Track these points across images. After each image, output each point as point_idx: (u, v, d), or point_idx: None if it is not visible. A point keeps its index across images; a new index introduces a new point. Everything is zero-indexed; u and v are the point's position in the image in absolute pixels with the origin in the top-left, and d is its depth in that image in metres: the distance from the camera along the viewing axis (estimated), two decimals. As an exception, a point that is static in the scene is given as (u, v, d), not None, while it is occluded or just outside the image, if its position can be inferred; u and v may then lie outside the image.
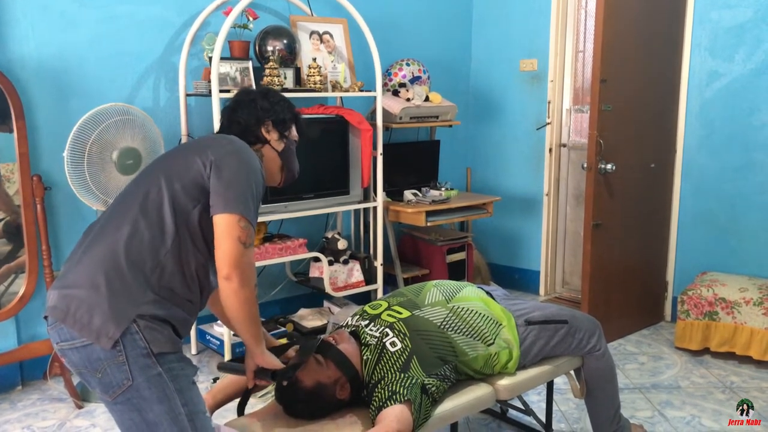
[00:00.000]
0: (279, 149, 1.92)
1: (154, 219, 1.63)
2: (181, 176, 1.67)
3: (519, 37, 4.44)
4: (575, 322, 2.34)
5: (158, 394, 1.55)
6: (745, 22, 3.55)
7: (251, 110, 1.88)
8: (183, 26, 3.39)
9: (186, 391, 1.59)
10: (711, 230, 3.78)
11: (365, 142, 3.52)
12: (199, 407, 1.64)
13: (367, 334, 2.06)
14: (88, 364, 1.56)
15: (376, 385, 1.92)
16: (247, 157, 1.73)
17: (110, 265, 1.58)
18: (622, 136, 3.51)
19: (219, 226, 1.62)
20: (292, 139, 1.97)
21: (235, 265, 1.59)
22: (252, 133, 1.87)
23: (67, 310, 1.55)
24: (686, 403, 2.96)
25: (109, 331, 1.52)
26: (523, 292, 4.53)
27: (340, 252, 3.66)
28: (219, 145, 1.74)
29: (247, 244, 1.61)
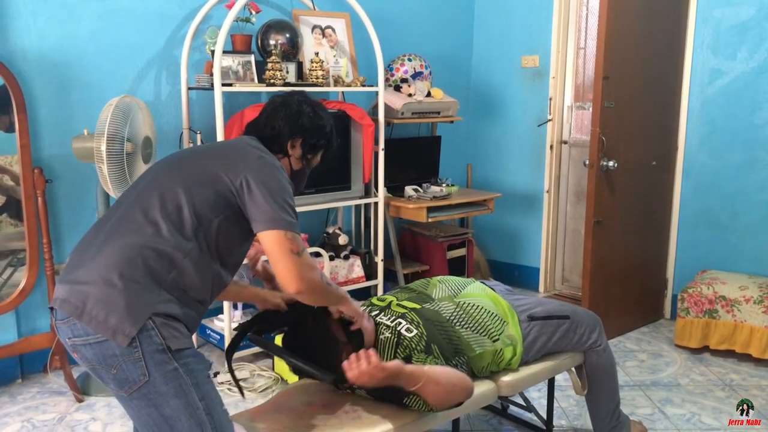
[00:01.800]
0: (295, 168, 1.91)
1: (175, 224, 1.62)
2: (205, 187, 1.66)
3: (521, 33, 4.44)
4: (576, 317, 2.35)
5: (175, 388, 1.55)
6: (748, 20, 3.55)
7: (291, 121, 1.86)
8: (185, 19, 3.38)
9: (202, 385, 1.60)
10: (711, 228, 3.79)
11: (367, 137, 3.52)
12: (216, 401, 1.65)
13: (378, 322, 2.07)
14: (102, 360, 1.55)
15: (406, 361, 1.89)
16: (277, 169, 1.74)
17: (128, 264, 1.56)
18: (624, 134, 3.51)
19: (268, 244, 1.64)
20: (313, 163, 1.96)
21: (299, 279, 1.64)
22: (279, 142, 1.86)
23: (83, 306, 1.54)
24: (686, 401, 2.97)
25: (126, 329, 1.51)
26: (522, 289, 4.53)
27: (341, 247, 3.66)
28: (249, 159, 1.72)
29: (300, 252, 1.65)
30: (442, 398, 1.84)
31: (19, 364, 3.13)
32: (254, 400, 2.90)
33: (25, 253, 3.00)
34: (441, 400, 1.85)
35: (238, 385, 1.99)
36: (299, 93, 1.97)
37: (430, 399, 1.83)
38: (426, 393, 1.82)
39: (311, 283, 1.66)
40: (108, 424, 2.74)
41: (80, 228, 3.18)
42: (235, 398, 2.96)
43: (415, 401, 1.86)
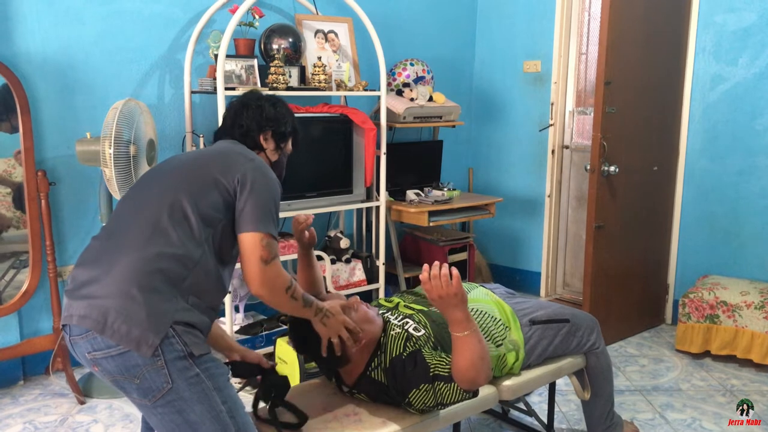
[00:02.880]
0: (272, 159, 1.99)
1: (185, 231, 1.67)
2: (208, 191, 1.71)
3: (523, 38, 4.45)
4: (576, 320, 2.37)
5: (198, 394, 1.58)
6: (750, 26, 3.56)
7: (256, 116, 1.94)
8: (189, 23, 3.39)
9: (224, 388, 1.64)
10: (713, 233, 3.79)
11: (369, 141, 3.52)
12: (239, 404, 1.68)
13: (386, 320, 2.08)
14: (125, 371, 1.57)
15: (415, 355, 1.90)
16: (268, 173, 1.80)
17: (145, 276, 1.59)
18: (626, 139, 3.52)
19: (243, 245, 1.70)
20: (287, 151, 2.04)
21: (260, 283, 1.68)
22: (252, 138, 1.94)
23: (105, 321, 1.55)
24: (687, 406, 2.97)
25: (149, 339, 1.54)
26: (523, 293, 4.53)
27: (343, 251, 3.67)
28: (241, 162, 1.78)
29: (269, 260, 1.68)
30: (475, 361, 1.80)
31: (22, 365, 3.13)
32: (255, 403, 2.90)
33: (28, 255, 3.01)
34: (473, 363, 1.80)
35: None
36: (252, 91, 2.07)
37: (467, 357, 1.80)
38: (467, 346, 1.81)
39: (271, 290, 1.70)
40: (110, 426, 2.75)
41: (83, 230, 3.19)
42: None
43: (423, 394, 1.85)
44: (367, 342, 1.96)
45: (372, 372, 1.95)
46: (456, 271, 1.81)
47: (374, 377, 1.94)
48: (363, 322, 1.95)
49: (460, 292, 1.80)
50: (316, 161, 3.49)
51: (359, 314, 1.96)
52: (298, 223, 2.12)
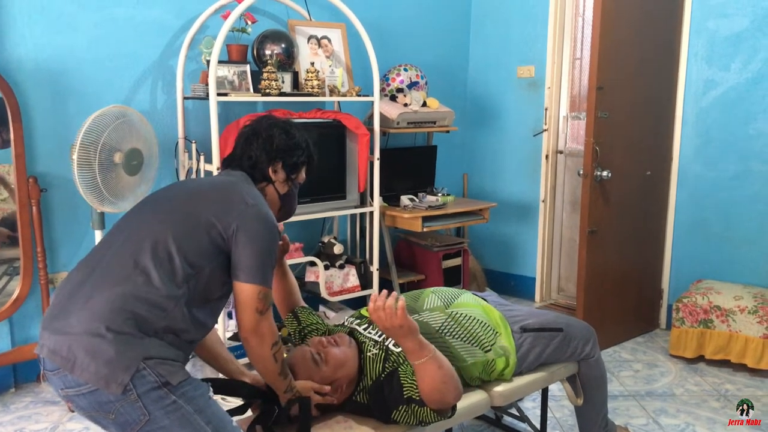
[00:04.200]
0: (282, 192, 1.94)
1: (167, 272, 1.61)
2: (197, 234, 1.67)
3: (516, 43, 4.46)
4: (570, 330, 2.35)
5: (179, 420, 1.55)
6: (742, 31, 3.57)
7: (266, 146, 1.88)
8: (181, 29, 3.39)
9: (206, 408, 1.60)
10: (706, 238, 3.79)
11: (362, 146, 3.52)
12: (225, 420, 1.66)
13: (366, 336, 2.06)
14: (98, 408, 1.55)
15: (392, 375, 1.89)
16: (267, 219, 1.74)
17: (116, 315, 1.54)
18: (618, 144, 3.52)
19: (240, 295, 1.69)
20: (298, 182, 1.98)
21: (251, 332, 1.70)
22: (260, 170, 1.88)
23: (74, 359, 1.52)
24: (681, 411, 2.97)
25: (118, 378, 1.50)
26: (518, 298, 4.53)
27: (336, 256, 3.66)
28: (241, 209, 1.71)
29: (264, 311, 1.70)
30: (437, 386, 1.80)
31: (13, 373, 3.12)
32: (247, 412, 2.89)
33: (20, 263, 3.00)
34: (435, 387, 1.80)
35: None
36: (266, 117, 1.99)
37: (427, 383, 1.80)
38: (425, 372, 1.80)
39: (261, 341, 1.70)
40: (101, 434, 2.74)
41: (75, 237, 3.18)
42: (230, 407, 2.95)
43: (404, 414, 1.85)
44: (348, 383, 1.94)
45: (357, 396, 1.95)
46: (402, 303, 1.76)
47: (359, 400, 1.95)
48: (337, 369, 1.91)
49: (406, 323, 1.76)
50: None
51: (330, 365, 1.90)
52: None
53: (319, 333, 2.14)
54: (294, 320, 2.18)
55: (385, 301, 1.76)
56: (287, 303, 2.21)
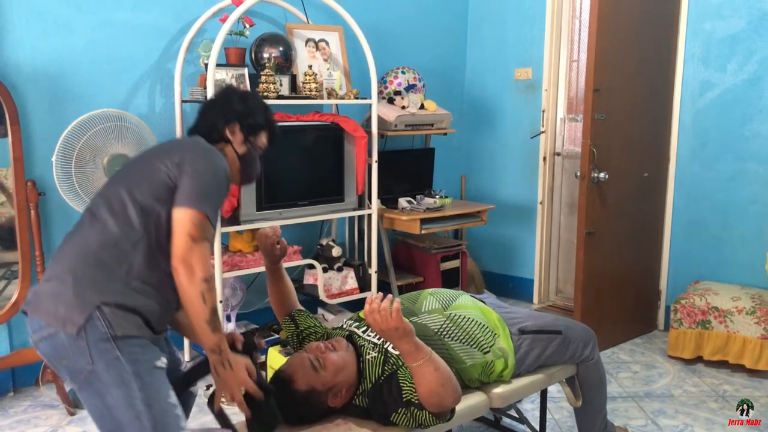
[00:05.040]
0: (240, 152, 1.96)
1: (123, 219, 1.69)
2: (146, 179, 1.73)
3: (514, 46, 4.47)
4: (569, 332, 2.35)
5: (116, 378, 1.59)
6: (738, 32, 3.58)
7: (223, 110, 1.95)
8: (179, 33, 3.40)
9: (145, 375, 1.62)
10: (704, 239, 3.80)
11: (360, 149, 3.53)
12: (161, 394, 1.66)
13: (365, 339, 2.06)
14: (54, 353, 1.63)
15: (391, 378, 1.90)
16: (211, 157, 1.78)
17: (78, 259, 1.66)
18: (616, 146, 3.53)
19: (174, 220, 1.68)
20: (258, 145, 2.00)
21: (180, 260, 1.63)
22: (217, 131, 1.93)
23: (38, 302, 1.65)
24: (679, 412, 2.97)
25: (74, 317, 1.59)
26: (516, 300, 4.54)
27: (335, 259, 3.66)
28: (184, 147, 1.81)
29: (197, 239, 1.65)
30: (435, 389, 1.80)
31: (11, 377, 3.12)
32: (247, 413, 2.89)
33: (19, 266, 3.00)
34: (433, 391, 1.80)
35: None
36: (224, 88, 2.08)
37: (424, 386, 1.80)
38: (422, 375, 1.80)
39: (189, 271, 1.63)
40: (100, 438, 2.73)
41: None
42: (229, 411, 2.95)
43: (403, 417, 1.85)
44: (348, 387, 1.93)
45: (356, 399, 1.95)
46: (397, 305, 1.75)
47: (358, 404, 1.95)
48: (337, 374, 1.90)
49: (401, 325, 1.75)
50: (307, 169, 3.49)
51: (329, 370, 1.89)
52: (266, 237, 2.08)
53: (317, 336, 2.14)
54: (291, 323, 2.19)
55: (380, 303, 1.75)
56: (284, 306, 2.21)
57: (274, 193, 3.30)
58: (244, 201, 3.19)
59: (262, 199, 3.26)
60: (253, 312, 3.78)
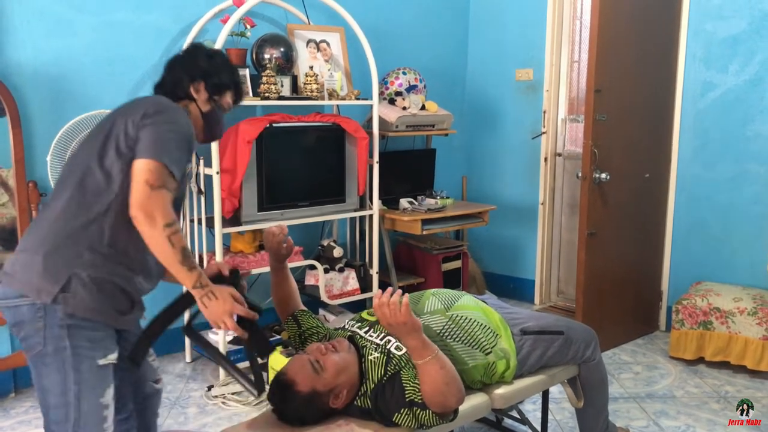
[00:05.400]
0: (204, 110, 1.94)
1: (88, 185, 1.71)
2: (107, 139, 1.72)
3: (515, 47, 4.47)
4: (571, 333, 2.35)
5: (58, 365, 1.67)
6: (739, 33, 3.58)
7: (189, 67, 1.92)
8: (180, 33, 3.40)
9: (84, 372, 1.69)
10: (705, 240, 3.80)
11: (361, 150, 3.53)
12: (95, 392, 1.71)
13: (367, 339, 2.06)
14: (14, 324, 1.71)
15: (393, 378, 1.90)
16: (171, 114, 1.76)
17: (49, 231, 1.70)
18: (617, 146, 3.53)
19: (133, 172, 1.67)
20: (223, 105, 1.98)
21: (138, 207, 1.63)
22: (181, 88, 1.91)
23: (12, 272, 1.70)
24: (681, 413, 2.97)
25: (47, 287, 1.65)
26: (518, 301, 4.54)
27: (336, 260, 3.66)
28: (146, 104, 1.77)
29: (155, 186, 1.64)
30: (439, 387, 1.81)
31: (12, 378, 3.11)
32: (249, 414, 2.90)
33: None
34: (437, 389, 1.81)
35: None
36: (191, 45, 2.04)
37: (429, 384, 1.81)
38: (428, 373, 1.81)
39: (148, 217, 1.62)
40: (101, 439, 2.73)
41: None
42: (230, 411, 2.96)
43: (406, 417, 1.85)
44: (349, 388, 1.93)
45: (358, 400, 1.94)
46: (407, 299, 1.77)
47: (360, 405, 1.94)
48: (338, 375, 1.89)
49: (410, 320, 1.77)
50: (308, 170, 3.49)
51: (330, 371, 1.88)
52: (273, 236, 2.08)
53: (319, 337, 2.14)
54: (294, 323, 2.19)
55: (389, 297, 1.76)
56: (288, 306, 2.21)
57: (275, 194, 3.30)
58: (245, 201, 3.20)
59: (264, 200, 3.26)
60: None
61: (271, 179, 3.27)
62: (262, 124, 3.15)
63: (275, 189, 3.30)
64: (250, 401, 3.03)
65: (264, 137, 3.18)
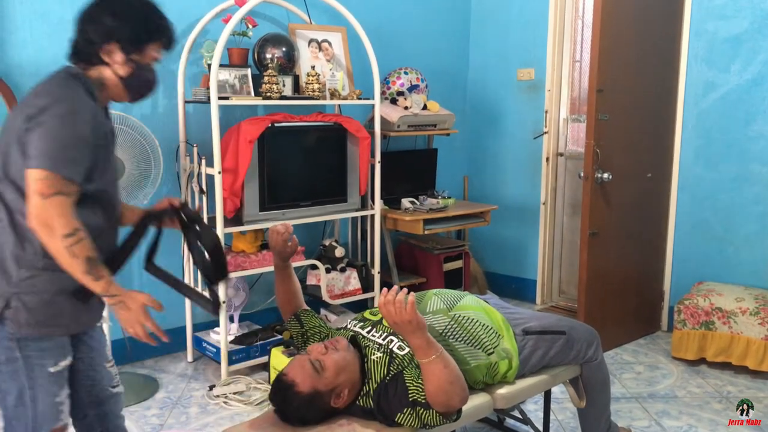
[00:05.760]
0: (123, 74, 1.74)
1: (8, 200, 1.66)
2: (13, 147, 1.62)
3: (516, 46, 4.46)
4: (573, 333, 2.35)
5: (12, 373, 1.73)
6: (741, 33, 3.57)
7: (95, 31, 1.70)
8: (182, 33, 3.40)
9: (37, 377, 1.74)
10: (707, 240, 3.79)
11: (363, 149, 3.53)
12: (50, 393, 1.76)
13: (370, 339, 2.06)
14: None
15: (396, 378, 1.90)
16: (54, 106, 1.61)
17: None
18: (619, 146, 3.52)
19: (27, 182, 1.59)
20: (146, 61, 1.77)
21: (33, 219, 1.58)
22: (93, 55, 1.72)
23: None
24: (683, 413, 2.97)
25: None
26: (519, 301, 4.53)
27: (338, 260, 3.66)
28: (31, 101, 1.64)
29: (47, 195, 1.57)
30: (443, 386, 1.81)
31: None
32: (251, 414, 2.90)
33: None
34: (441, 388, 1.81)
35: None
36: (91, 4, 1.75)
37: (433, 383, 1.81)
38: (432, 372, 1.81)
39: (45, 228, 1.57)
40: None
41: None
42: (231, 411, 2.96)
43: (409, 417, 1.85)
44: (350, 387, 1.93)
45: (360, 400, 1.95)
46: (412, 297, 1.79)
47: (363, 405, 1.94)
48: (338, 374, 1.89)
49: (415, 319, 1.77)
50: (310, 170, 3.49)
51: (330, 371, 1.88)
52: (277, 234, 2.08)
53: (321, 336, 2.14)
54: (296, 323, 2.19)
55: (395, 295, 1.77)
56: (291, 305, 2.21)
57: (277, 194, 3.30)
58: (247, 201, 3.20)
59: (265, 200, 3.26)
60: (257, 312, 3.78)
61: (273, 179, 3.27)
62: (263, 124, 3.15)
63: (277, 189, 3.30)
64: (253, 401, 3.03)
65: (266, 137, 3.18)
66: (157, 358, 3.51)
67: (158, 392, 3.15)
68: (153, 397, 3.10)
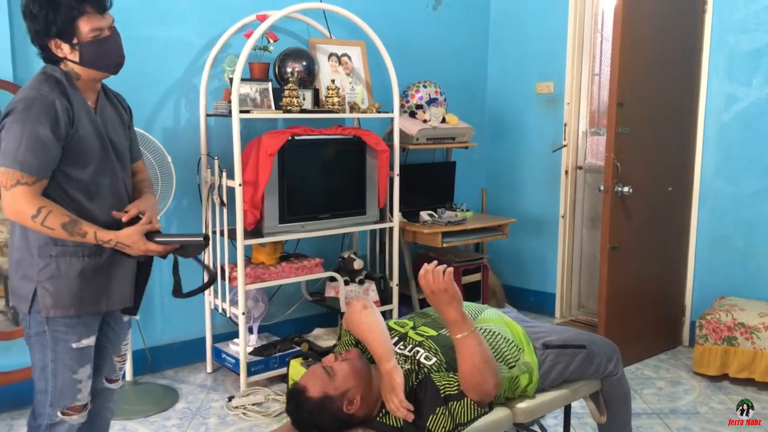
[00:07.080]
0: (78, 60, 1.79)
1: None
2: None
3: (535, 59, 4.47)
4: (594, 347, 2.33)
5: (39, 345, 1.91)
6: (763, 46, 3.55)
7: (33, 37, 1.81)
8: (204, 48, 3.45)
9: (60, 352, 1.90)
10: (729, 255, 3.75)
11: (382, 162, 3.54)
12: (68, 368, 1.91)
13: (396, 352, 2.06)
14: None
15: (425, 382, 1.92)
16: (17, 111, 1.75)
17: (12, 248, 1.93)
18: (639, 159, 3.51)
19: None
20: (87, 37, 1.77)
21: (6, 211, 1.79)
22: (50, 58, 1.83)
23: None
24: (705, 429, 2.93)
25: (21, 304, 1.91)
26: (538, 315, 4.50)
27: (356, 272, 3.67)
28: (10, 103, 1.80)
29: (8, 187, 1.76)
30: (478, 364, 1.85)
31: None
32: (269, 425, 2.90)
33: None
34: (476, 366, 1.86)
35: None
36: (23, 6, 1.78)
37: (467, 361, 1.86)
38: (466, 349, 1.86)
39: (17, 216, 1.79)
40: (123, 448, 2.75)
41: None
42: (250, 422, 2.97)
43: (441, 418, 1.86)
44: (363, 394, 1.92)
45: (383, 418, 1.94)
46: (451, 269, 1.88)
47: (386, 422, 1.93)
48: (347, 379, 1.90)
49: (452, 288, 1.86)
50: (329, 183, 3.51)
51: (339, 375, 1.90)
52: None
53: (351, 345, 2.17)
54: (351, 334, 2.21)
55: (434, 266, 1.87)
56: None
57: (296, 207, 3.33)
58: (266, 214, 3.22)
59: (285, 212, 3.28)
60: (275, 324, 3.79)
61: (293, 191, 3.29)
62: (284, 137, 3.18)
63: (296, 201, 3.32)
64: (271, 413, 3.04)
65: (286, 150, 3.21)
66: (177, 369, 3.53)
67: (178, 402, 3.17)
68: (173, 407, 3.12)
